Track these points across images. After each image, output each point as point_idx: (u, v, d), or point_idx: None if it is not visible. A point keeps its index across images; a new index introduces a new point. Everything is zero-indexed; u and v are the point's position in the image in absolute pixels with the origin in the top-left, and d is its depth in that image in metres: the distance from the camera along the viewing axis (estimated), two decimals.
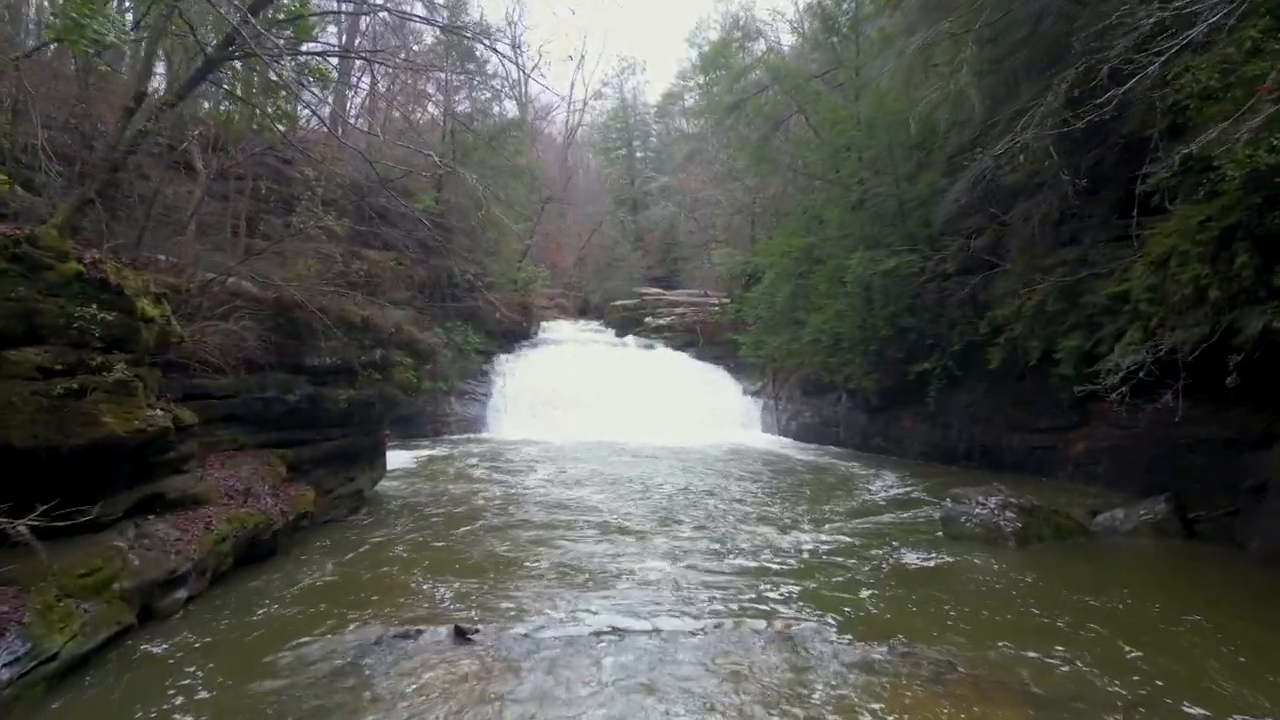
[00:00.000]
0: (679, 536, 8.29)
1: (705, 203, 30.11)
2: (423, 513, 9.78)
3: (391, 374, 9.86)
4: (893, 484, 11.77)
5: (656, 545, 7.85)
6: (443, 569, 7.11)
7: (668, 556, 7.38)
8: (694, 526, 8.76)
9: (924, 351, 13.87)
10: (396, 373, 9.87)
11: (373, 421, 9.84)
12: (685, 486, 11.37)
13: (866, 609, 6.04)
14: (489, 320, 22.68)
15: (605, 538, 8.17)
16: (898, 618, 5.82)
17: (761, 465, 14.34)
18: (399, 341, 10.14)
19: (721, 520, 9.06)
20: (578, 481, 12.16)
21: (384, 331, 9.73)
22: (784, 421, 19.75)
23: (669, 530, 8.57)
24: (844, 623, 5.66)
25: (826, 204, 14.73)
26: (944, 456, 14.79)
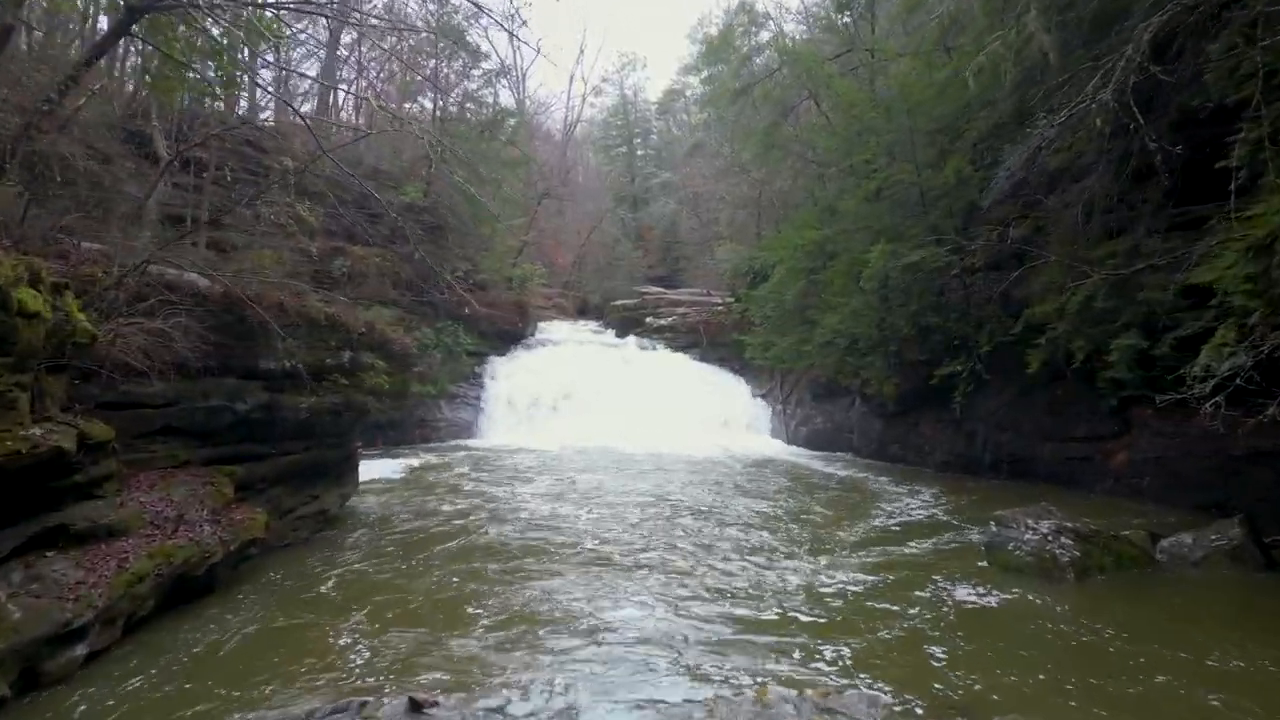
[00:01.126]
0: (679, 571, 7.10)
1: (708, 198, 29.04)
2: (394, 535, 8.69)
3: (361, 379, 8.78)
4: (918, 500, 10.67)
5: (653, 584, 6.65)
6: (403, 612, 6.02)
7: (667, 599, 6.23)
8: (697, 558, 7.56)
9: (949, 353, 12.78)
10: (367, 378, 8.80)
11: (340, 432, 8.77)
12: (688, 504, 10.27)
13: (920, 667, 4.95)
14: (482, 320, 21.58)
15: (594, 573, 6.97)
16: (960, 679, 4.73)
17: (770, 476, 13.25)
18: (370, 342, 9.07)
19: (729, 548, 7.90)
20: (570, 496, 11.08)
21: (353, 331, 8.66)
22: (793, 427, 18.65)
23: (668, 563, 7.35)
24: (898, 687, 4.58)
25: (841, 194, 13.64)
26: (968, 467, 13.70)
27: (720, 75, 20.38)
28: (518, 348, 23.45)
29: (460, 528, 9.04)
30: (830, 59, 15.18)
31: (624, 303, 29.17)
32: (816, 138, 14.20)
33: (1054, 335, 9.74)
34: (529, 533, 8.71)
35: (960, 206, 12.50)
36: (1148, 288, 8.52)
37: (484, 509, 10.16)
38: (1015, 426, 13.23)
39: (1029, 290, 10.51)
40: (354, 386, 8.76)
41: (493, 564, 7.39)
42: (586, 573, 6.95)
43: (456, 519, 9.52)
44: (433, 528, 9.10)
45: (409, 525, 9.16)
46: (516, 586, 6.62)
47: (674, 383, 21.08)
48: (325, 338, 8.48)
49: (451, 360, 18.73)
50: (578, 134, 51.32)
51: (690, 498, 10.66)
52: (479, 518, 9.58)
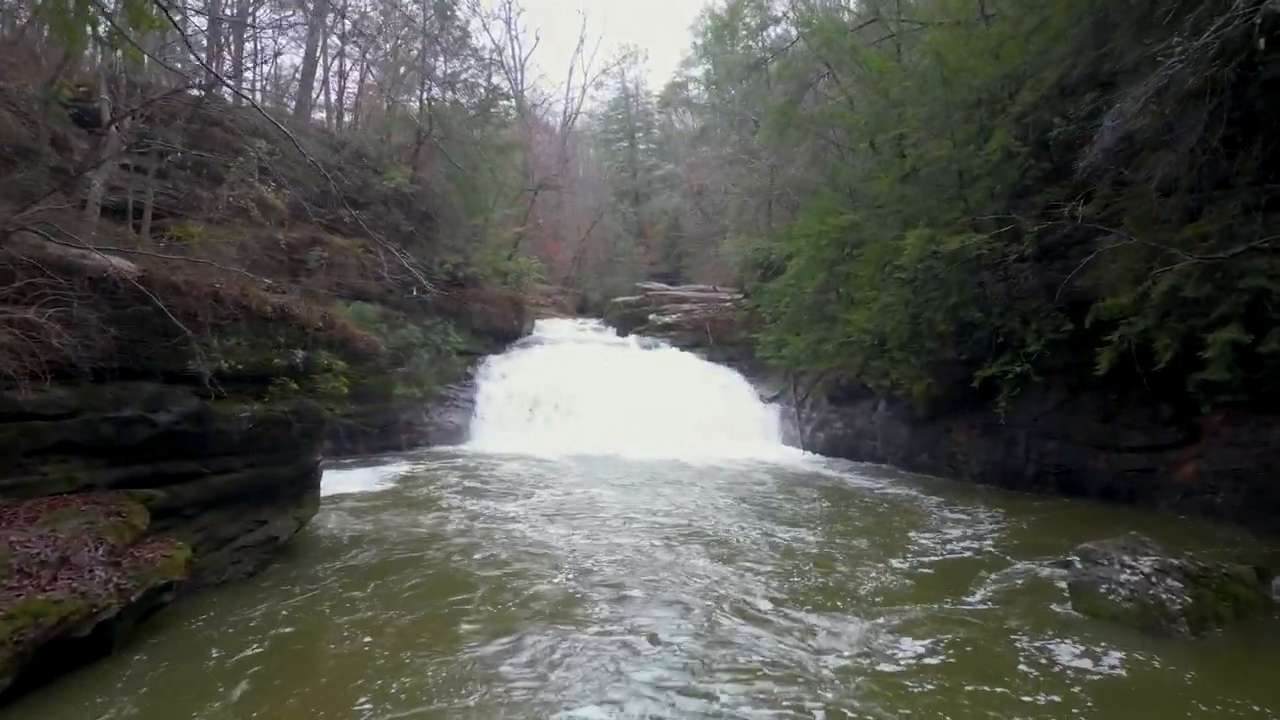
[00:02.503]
0: (676, 640, 5.28)
1: (714, 191, 27.68)
2: (350, 569, 7.33)
3: (317, 382, 7.42)
4: (966, 521, 9.27)
5: (650, 652, 5.08)
6: (339, 681, 4.67)
7: (652, 692, 4.51)
8: (704, 616, 5.81)
9: (990, 352, 11.42)
10: (323, 381, 7.44)
11: (292, 445, 7.41)
12: (694, 529, 8.87)
13: None
14: (474, 317, 20.24)
15: (566, 637, 5.42)
16: None
17: (787, 489, 11.87)
18: (329, 340, 7.72)
19: (745, 600, 6.31)
20: (561, 515, 9.72)
21: (307, 327, 7.31)
22: (808, 433, 17.28)
23: (662, 626, 5.59)
24: None
25: (868, 176, 12.25)
26: (1009, 479, 12.33)
27: (730, 55, 19.00)
28: (513, 347, 22.10)
29: (435, 558, 7.67)
30: (852, 30, 13.83)
31: (625, 299, 27.82)
32: (839, 115, 12.82)
33: (1132, 331, 8.36)
34: (505, 566, 7.33)
35: (1004, 188, 11.14)
36: (1250, 273, 7.16)
37: (462, 532, 8.80)
38: (1062, 434, 11.86)
39: (1096, 279, 9.12)
40: (308, 391, 7.41)
41: (478, 611, 6.02)
42: (556, 634, 5.47)
43: (428, 546, 8.15)
44: (397, 556, 7.74)
45: (371, 555, 7.80)
46: (497, 648, 5.23)
47: (679, 384, 19.71)
48: (273, 334, 7.13)
49: (441, 360, 17.38)
50: (578, 128, 50.12)
51: (697, 520, 9.26)
52: (454, 544, 8.22)
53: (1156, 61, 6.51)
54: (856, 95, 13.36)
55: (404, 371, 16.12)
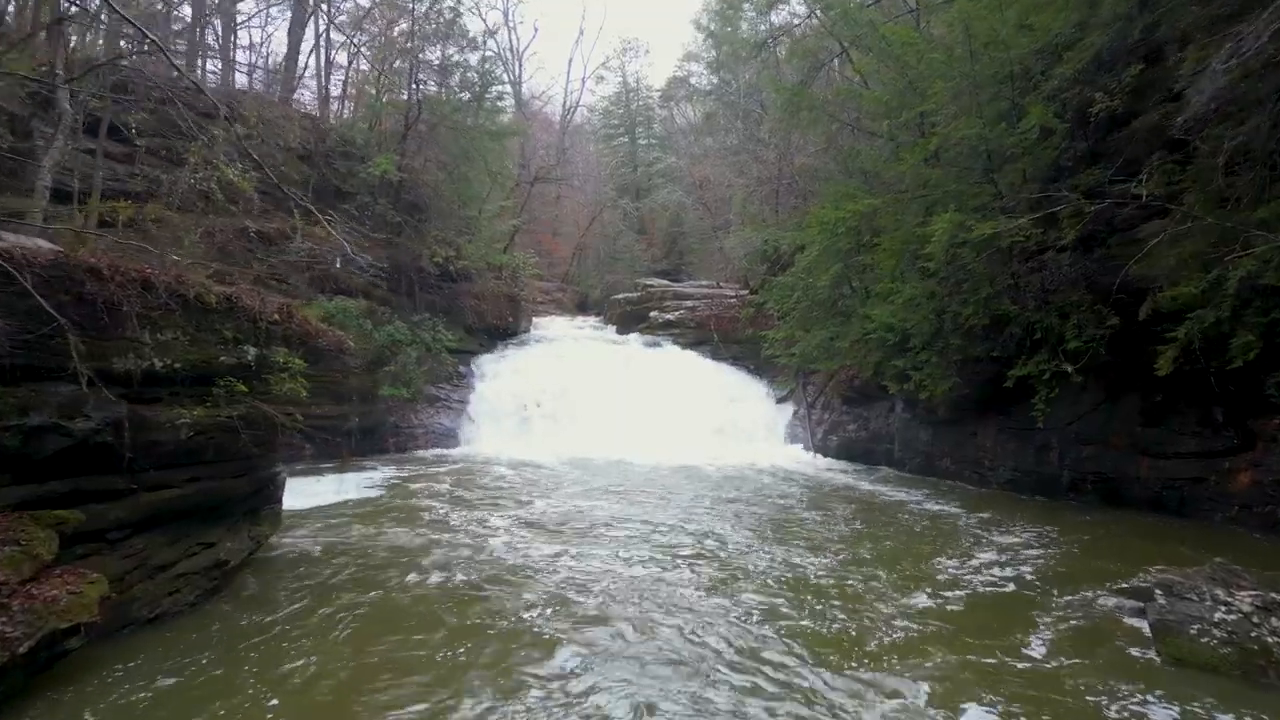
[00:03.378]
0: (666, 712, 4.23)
1: (718, 183, 26.71)
2: (304, 598, 6.40)
3: (270, 384, 6.48)
4: (998, 536, 8.28)
5: None
6: None
7: None
8: (703, 662, 4.85)
9: (1022, 349, 10.47)
10: (277, 382, 6.49)
11: (243, 455, 6.47)
12: (698, 550, 7.89)
13: None
14: (467, 313, 19.30)
15: (536, 684, 4.60)
16: None
17: (800, 499, 10.91)
18: (286, 335, 6.77)
19: (758, 639, 5.32)
20: (552, 529, 8.78)
21: (259, 320, 6.36)
22: (820, 435, 16.32)
23: (655, 669, 4.75)
24: None
25: (889, 158, 11.26)
26: (1041, 487, 11.39)
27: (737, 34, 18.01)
28: (509, 345, 21.17)
29: (395, 586, 6.72)
30: (869, 3, 12.87)
31: (626, 296, 26.85)
32: (859, 95, 11.83)
33: (1202, 325, 7.39)
34: (476, 597, 6.39)
35: (1039, 169, 10.18)
36: None
37: (438, 551, 7.86)
38: (1101, 439, 10.90)
39: (1151, 268, 8.16)
40: (261, 394, 6.46)
41: (401, 657, 5.08)
42: (565, 688, 4.56)
43: (398, 567, 7.22)
44: (362, 580, 6.82)
45: (333, 580, 6.85)
46: None
47: (682, 384, 18.77)
48: (218, 328, 6.17)
49: (430, 359, 16.43)
50: (578, 123, 49.19)
51: (700, 539, 8.27)
52: (427, 565, 7.28)
53: None
54: (875, 74, 12.38)
55: (390, 371, 15.17)
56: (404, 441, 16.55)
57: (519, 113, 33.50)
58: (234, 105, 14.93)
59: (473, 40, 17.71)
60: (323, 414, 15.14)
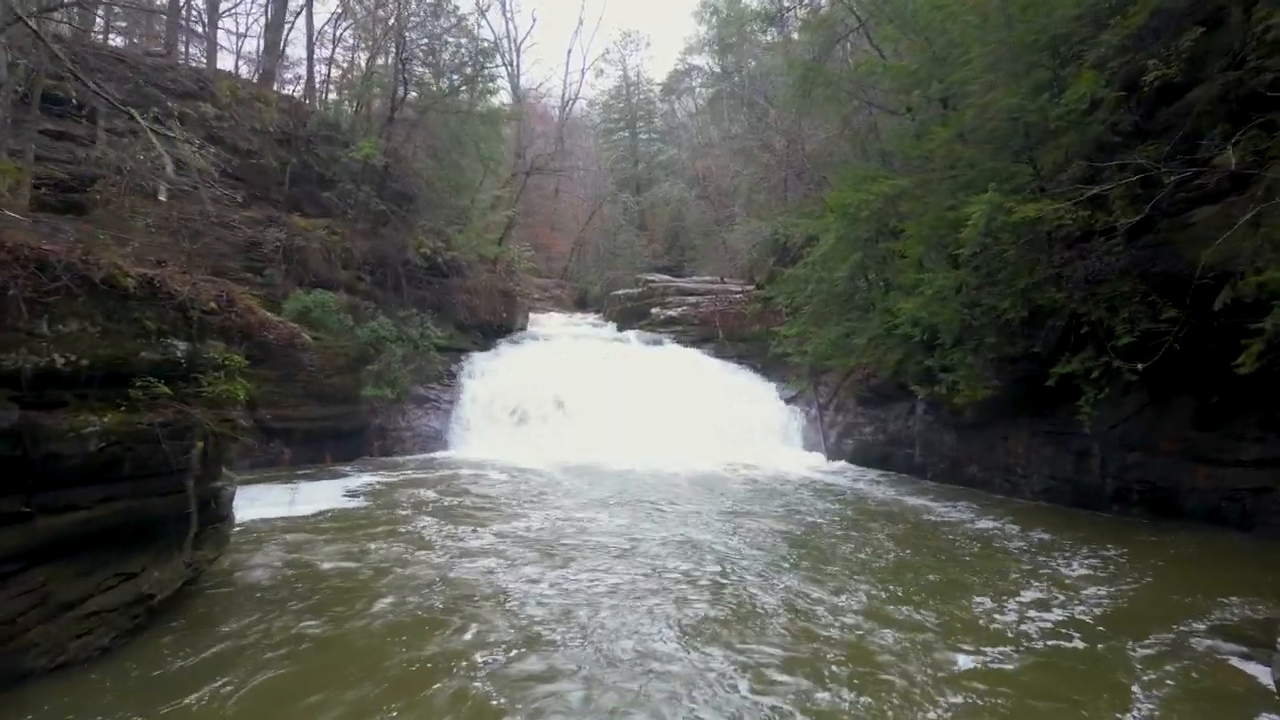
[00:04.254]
0: None
1: (721, 174, 25.69)
2: (250, 635, 5.39)
3: (202, 385, 5.45)
4: (1051, 559, 7.16)
5: None
6: None
7: None
8: None
9: (1064, 345, 9.46)
10: (210, 383, 5.47)
11: (173, 470, 5.45)
12: (696, 572, 6.84)
13: None
14: (459, 309, 18.28)
15: None
16: None
17: (815, 512, 9.84)
18: (225, 326, 5.75)
19: (765, 708, 4.25)
20: (539, 549, 7.74)
21: (191, 308, 5.35)
22: (834, 439, 15.30)
23: None
24: None
25: (921, 132, 10.21)
26: (1080, 497, 10.38)
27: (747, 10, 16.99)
28: (503, 343, 20.13)
29: (351, 618, 5.72)
30: None
31: (626, 292, 25.84)
32: (878, 70, 10.79)
33: None
34: (438, 634, 5.40)
35: (1084, 146, 9.16)
36: None
37: (408, 575, 6.85)
38: (1148, 444, 9.89)
39: (1233, 249, 7.14)
40: (190, 396, 5.43)
41: None
42: None
43: (358, 596, 6.22)
44: (314, 609, 5.84)
45: (279, 613, 5.83)
46: None
47: (686, 384, 17.76)
48: (138, 317, 5.16)
49: (418, 356, 15.42)
50: (577, 119, 48.22)
51: (702, 561, 7.21)
52: (390, 594, 6.28)
53: None
54: (897, 48, 11.33)
55: (374, 370, 14.16)
56: (390, 445, 15.54)
57: (516, 105, 32.45)
58: (206, 84, 13.94)
59: (463, 21, 16.66)
60: (301, 416, 14.17)
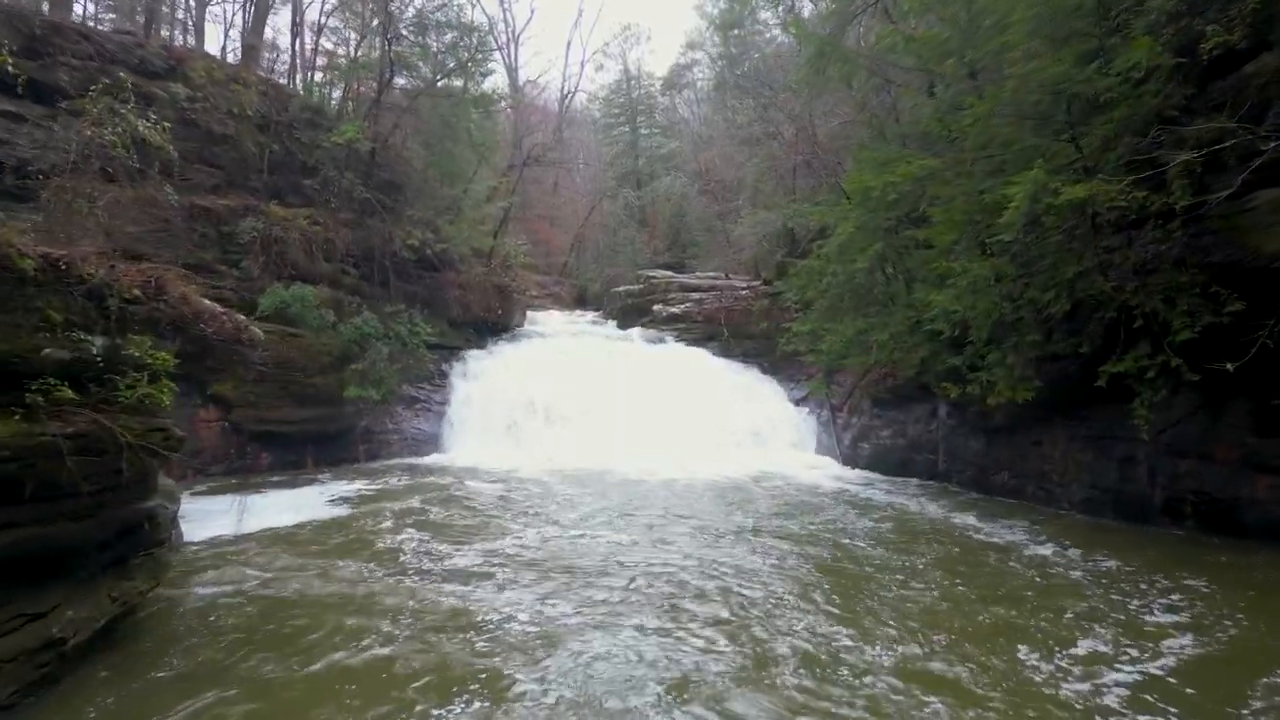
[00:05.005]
0: None
1: (725, 165, 24.78)
2: (179, 685, 4.50)
3: (118, 388, 4.55)
4: (1118, 591, 6.11)
5: None
6: None
7: None
8: None
9: (1111, 341, 8.55)
10: (127, 389, 4.56)
11: (84, 490, 4.56)
12: (699, 599, 5.94)
13: None
14: (451, 305, 17.38)
15: None
16: None
17: (837, 524, 8.92)
18: (153, 318, 4.85)
19: None
20: (524, 571, 6.85)
21: (108, 296, 4.46)
22: (848, 442, 14.40)
23: None
24: None
25: (950, 110, 9.25)
26: (1125, 509, 9.46)
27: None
28: (499, 341, 19.24)
29: (297, 661, 4.83)
30: None
31: (627, 288, 24.95)
32: (903, 42, 9.86)
33: None
34: (401, 666, 4.56)
35: (1135, 120, 8.24)
36: None
37: (374, 600, 6.00)
38: (1202, 451, 8.96)
39: None
40: (107, 402, 4.53)
41: None
42: None
43: (314, 629, 5.35)
44: (259, 646, 4.98)
45: (221, 654, 4.95)
46: None
47: (690, 384, 16.87)
48: (39, 306, 4.26)
49: (407, 355, 14.52)
50: (577, 113, 47.38)
51: (704, 588, 6.28)
52: (350, 628, 5.40)
53: None
54: (922, 21, 10.42)
55: (358, 369, 13.27)
56: (376, 449, 14.67)
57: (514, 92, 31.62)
58: (179, 64, 13.03)
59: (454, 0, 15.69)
60: (281, 418, 13.31)
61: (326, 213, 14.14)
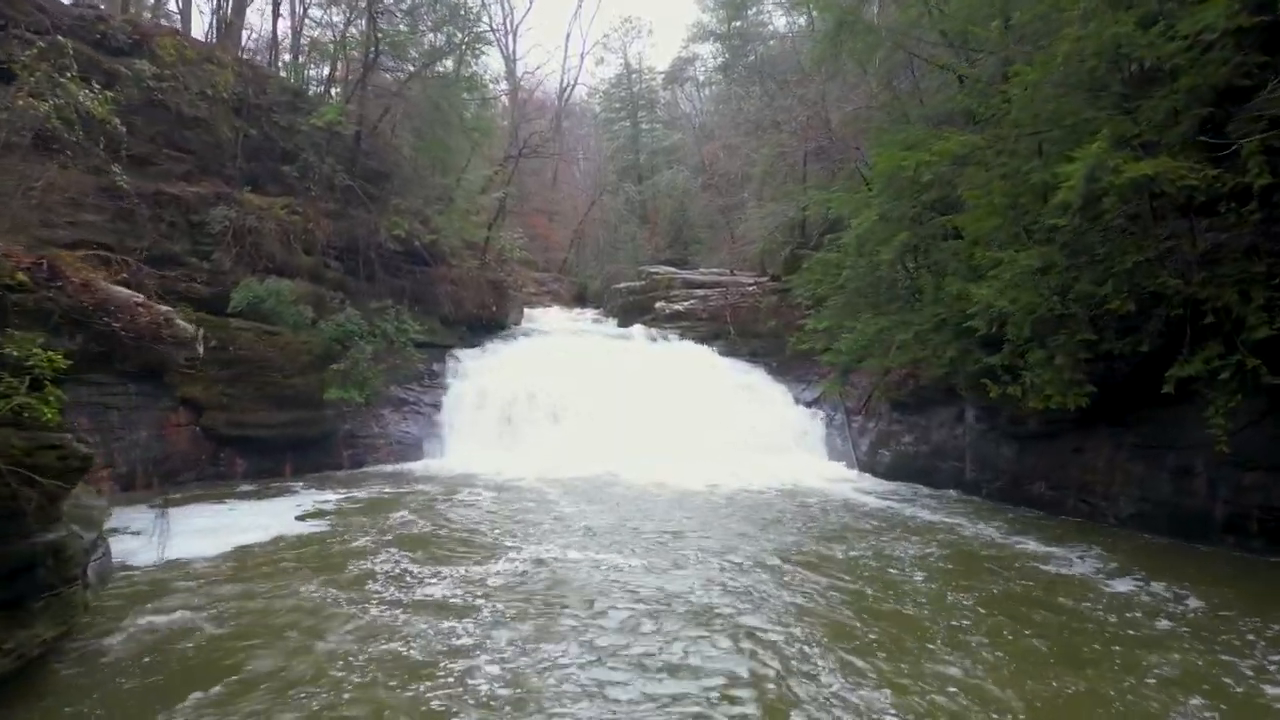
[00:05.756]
0: None
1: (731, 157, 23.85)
2: None
3: None
4: (1229, 639, 5.12)
5: None
6: None
7: None
8: None
9: (1173, 339, 7.63)
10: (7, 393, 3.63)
11: None
12: (707, 644, 5.03)
13: None
14: (442, 302, 16.46)
15: None
16: None
17: (878, 548, 7.85)
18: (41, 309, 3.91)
19: None
20: (506, 600, 5.94)
21: None
22: (865, 448, 13.47)
23: None
24: None
25: (991, 81, 8.29)
26: (1181, 525, 8.54)
27: None
28: (493, 339, 18.28)
29: None
30: None
31: (628, 285, 24.02)
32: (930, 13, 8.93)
33: None
34: None
35: (1202, 90, 7.31)
36: None
37: (326, 641, 5.13)
38: (1269, 462, 8.05)
39: None
40: None
41: None
42: None
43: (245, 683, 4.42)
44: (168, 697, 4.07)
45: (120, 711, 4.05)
46: None
47: (694, 385, 15.92)
48: None
49: (394, 354, 13.60)
50: (578, 107, 46.48)
51: (708, 627, 5.38)
52: (294, 672, 4.52)
53: None
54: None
55: (340, 369, 12.34)
56: (361, 454, 13.74)
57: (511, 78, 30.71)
58: (145, 39, 12.10)
59: None
60: (257, 422, 12.40)
61: (306, 201, 13.20)
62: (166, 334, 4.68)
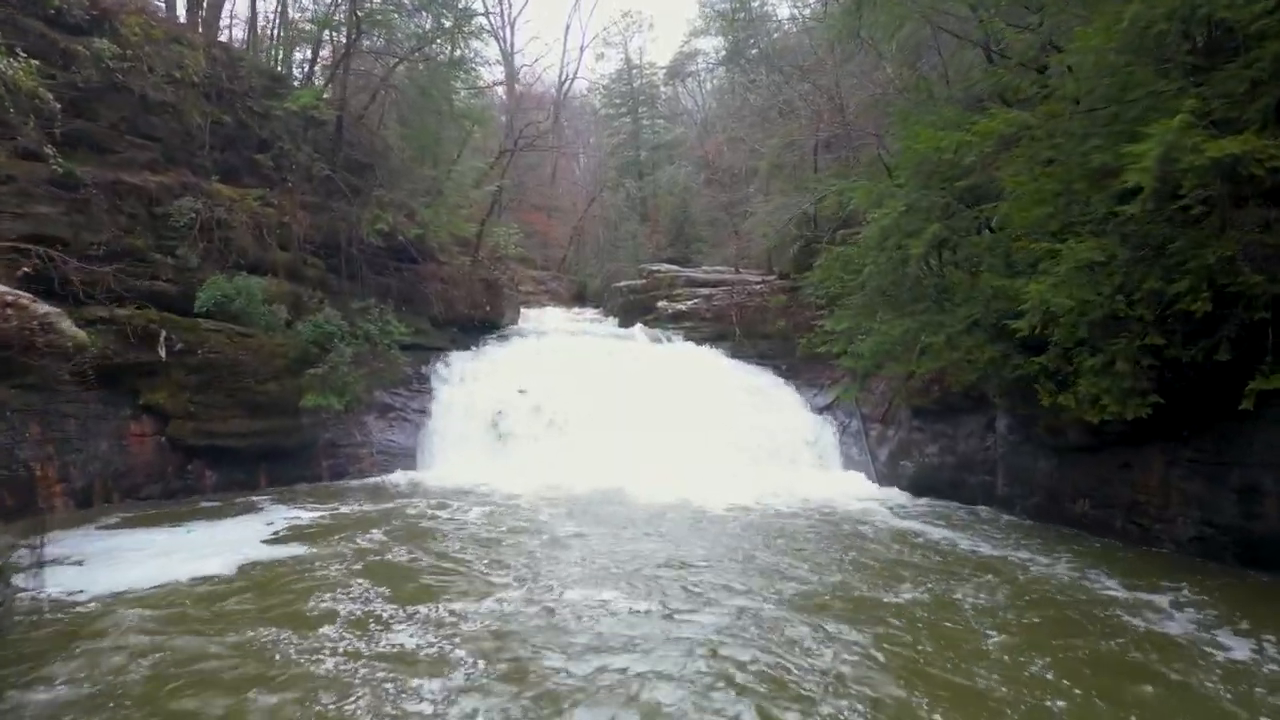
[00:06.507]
0: None
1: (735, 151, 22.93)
2: None
3: None
4: None
5: None
6: None
7: None
8: None
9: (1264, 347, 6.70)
10: None
11: None
12: None
13: None
14: (432, 301, 15.54)
15: None
16: None
17: (926, 585, 6.66)
18: None
19: None
20: (497, 659, 4.97)
21: None
22: (885, 459, 12.55)
23: None
24: None
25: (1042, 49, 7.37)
26: (1250, 552, 7.63)
27: None
28: (487, 341, 17.37)
29: None
30: None
31: (629, 284, 23.12)
32: None
33: None
34: None
35: None
36: None
37: (257, 701, 4.17)
38: None
39: None
40: None
41: None
42: None
43: None
44: None
45: None
46: None
47: (699, 389, 15.01)
48: None
49: (377, 357, 12.67)
50: (576, 102, 45.60)
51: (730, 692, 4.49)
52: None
53: None
54: None
55: (318, 374, 11.42)
56: (342, 465, 12.81)
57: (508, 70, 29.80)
58: (106, 17, 11.16)
59: None
60: (229, 431, 11.47)
61: (282, 193, 12.26)
62: (41, 341, 3.71)
